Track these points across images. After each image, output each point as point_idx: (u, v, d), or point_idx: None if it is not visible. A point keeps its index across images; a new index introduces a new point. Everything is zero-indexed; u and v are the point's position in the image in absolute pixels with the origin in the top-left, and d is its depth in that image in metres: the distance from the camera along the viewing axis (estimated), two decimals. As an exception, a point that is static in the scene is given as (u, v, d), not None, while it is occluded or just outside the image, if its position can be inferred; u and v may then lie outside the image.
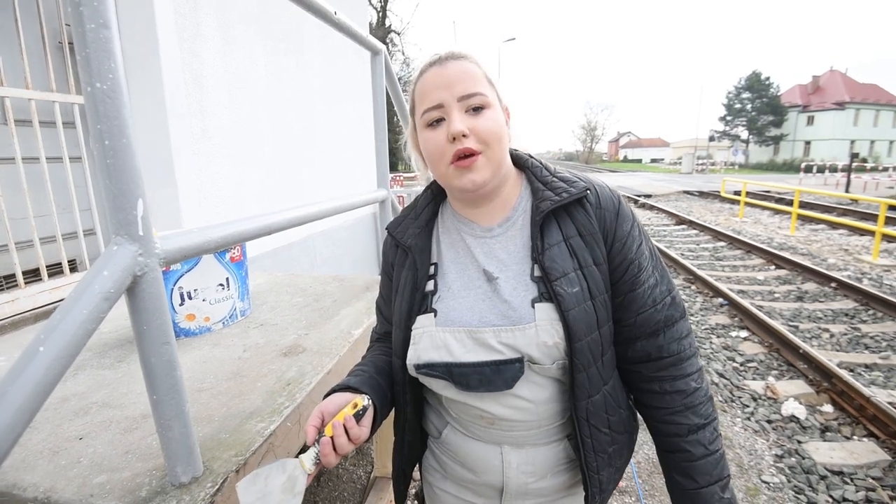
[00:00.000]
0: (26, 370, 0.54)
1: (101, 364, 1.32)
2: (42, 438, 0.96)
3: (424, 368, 0.79)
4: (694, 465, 0.80)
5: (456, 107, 0.75)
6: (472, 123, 0.75)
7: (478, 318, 0.78)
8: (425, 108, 0.78)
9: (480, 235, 0.84)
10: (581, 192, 0.78)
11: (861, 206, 12.31)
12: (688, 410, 0.81)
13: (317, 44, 3.83)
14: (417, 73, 0.82)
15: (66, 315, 0.58)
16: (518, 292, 0.77)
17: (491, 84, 0.79)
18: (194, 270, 1.44)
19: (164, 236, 0.75)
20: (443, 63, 0.78)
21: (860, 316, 4.68)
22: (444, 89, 0.76)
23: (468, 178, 0.76)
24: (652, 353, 0.81)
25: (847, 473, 2.51)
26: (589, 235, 0.78)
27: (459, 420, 0.88)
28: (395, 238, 0.88)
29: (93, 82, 0.62)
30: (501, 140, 0.77)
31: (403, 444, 0.93)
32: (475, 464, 0.87)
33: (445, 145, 0.76)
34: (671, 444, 0.83)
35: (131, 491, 0.80)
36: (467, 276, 0.82)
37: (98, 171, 0.65)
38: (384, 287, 0.95)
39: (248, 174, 2.96)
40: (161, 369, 0.73)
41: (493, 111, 0.77)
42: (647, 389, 0.84)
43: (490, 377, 0.76)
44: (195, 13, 2.46)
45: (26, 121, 1.76)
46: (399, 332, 0.84)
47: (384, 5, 29.28)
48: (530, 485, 0.85)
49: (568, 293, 0.74)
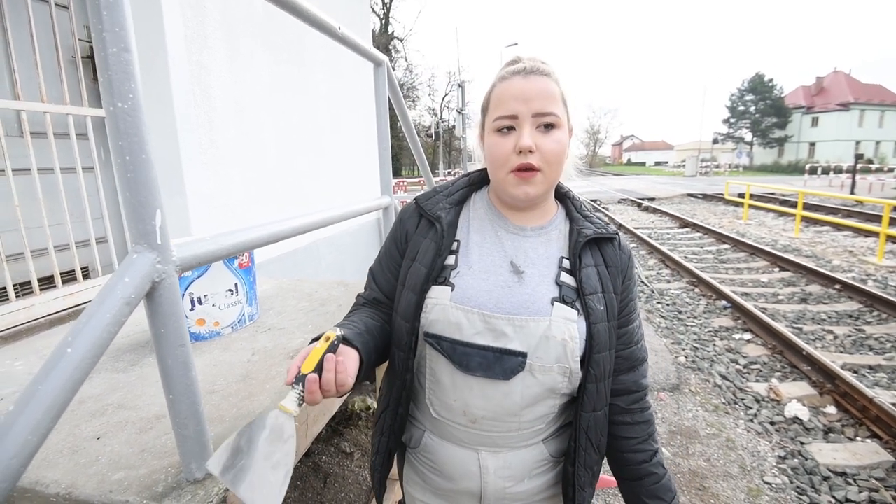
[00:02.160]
0: (55, 370, 0.59)
1: (116, 368, 1.37)
2: (62, 438, 1.01)
3: (431, 338, 0.83)
4: (660, 484, 0.90)
5: (529, 122, 0.79)
6: (541, 141, 0.79)
7: (494, 304, 0.81)
8: (500, 114, 0.81)
9: (514, 231, 0.89)
10: (615, 233, 0.89)
11: (866, 207, 12.26)
12: (650, 438, 0.92)
13: (320, 53, 3.90)
14: (499, 75, 0.85)
15: (91, 318, 0.63)
16: (541, 288, 0.83)
17: (565, 104, 0.83)
18: (204, 277, 1.48)
19: (179, 244, 0.80)
20: (527, 76, 0.80)
21: (864, 317, 4.67)
22: (523, 102, 0.79)
23: (523, 189, 0.82)
24: (630, 386, 0.91)
25: (850, 474, 2.52)
26: (614, 268, 0.87)
27: (438, 423, 0.89)
28: (424, 209, 0.90)
29: (115, 102, 0.66)
30: (562, 162, 0.83)
31: (396, 418, 0.91)
32: (453, 470, 0.89)
33: (511, 154, 0.80)
34: (640, 471, 0.91)
35: (148, 487, 0.84)
36: (490, 262, 0.85)
37: (119, 183, 0.70)
38: (386, 254, 0.96)
39: (254, 183, 3.02)
40: (177, 370, 0.77)
41: (561, 132, 0.81)
42: (621, 421, 0.92)
43: (491, 363, 0.80)
44: (203, 27, 2.53)
45: (41, 133, 1.82)
46: (412, 296, 0.84)
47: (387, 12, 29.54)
48: (508, 489, 0.88)
49: (597, 309, 0.82)
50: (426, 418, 0.92)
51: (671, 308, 5.27)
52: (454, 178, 0.98)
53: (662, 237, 9.51)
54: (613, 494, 2.41)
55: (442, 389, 0.86)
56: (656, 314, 5.10)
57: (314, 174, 3.86)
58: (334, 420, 2.43)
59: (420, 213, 0.91)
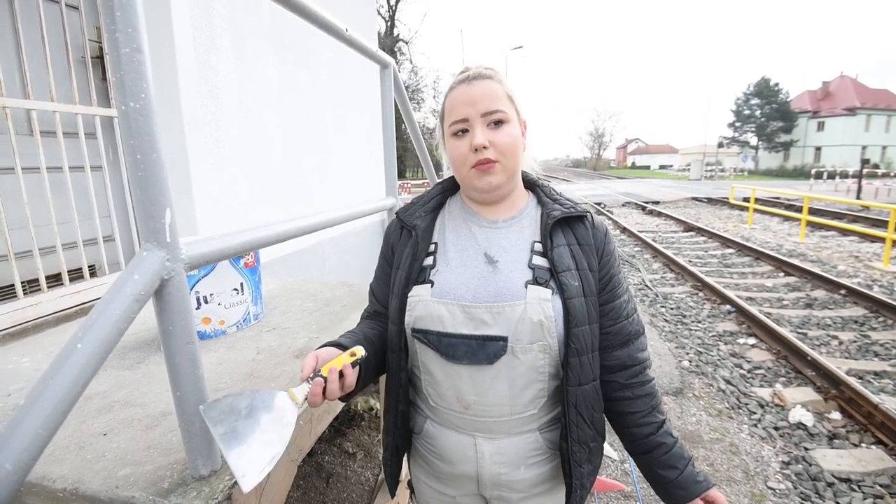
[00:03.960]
0: (65, 365, 0.59)
1: (122, 365, 1.38)
2: (68, 434, 1.01)
3: (419, 333, 0.89)
4: (671, 453, 0.91)
5: (479, 122, 0.87)
6: (493, 136, 0.87)
7: (472, 294, 0.87)
8: (453, 120, 0.90)
9: (486, 226, 0.95)
10: (584, 212, 0.93)
11: (872, 212, 12.18)
12: (654, 410, 0.94)
13: (326, 55, 3.92)
14: (448, 87, 0.94)
15: (100, 315, 0.63)
16: (515, 274, 0.88)
17: (511, 101, 0.90)
18: (210, 276, 1.49)
19: (188, 242, 0.81)
20: (470, 82, 0.89)
21: (870, 323, 4.65)
22: (470, 105, 0.87)
23: (486, 180, 0.89)
24: (626, 361, 0.93)
25: (854, 481, 2.50)
26: (586, 245, 0.91)
27: (437, 410, 0.95)
28: (402, 220, 0.98)
29: (126, 101, 0.67)
30: (516, 152, 0.90)
31: (397, 415, 0.98)
32: (451, 455, 0.94)
33: (468, 154, 0.88)
34: (648, 444, 0.93)
35: (154, 483, 0.84)
36: (466, 257, 0.92)
37: (130, 182, 0.71)
38: (380, 270, 1.04)
39: (260, 182, 3.03)
40: (185, 367, 0.77)
41: (511, 126, 0.89)
42: (622, 397, 0.94)
43: (475, 350, 0.85)
44: (210, 28, 2.55)
45: (50, 132, 1.84)
46: (396, 300, 0.92)
47: (392, 15, 29.64)
48: (503, 476, 0.92)
49: (571, 285, 0.86)
50: (427, 407, 0.98)
51: (675, 312, 5.25)
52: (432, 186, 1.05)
53: (667, 241, 9.48)
54: (615, 498, 2.40)
55: (435, 380, 0.92)
56: (660, 318, 5.08)
57: (320, 174, 3.88)
58: (337, 420, 2.44)
59: (401, 225, 0.99)
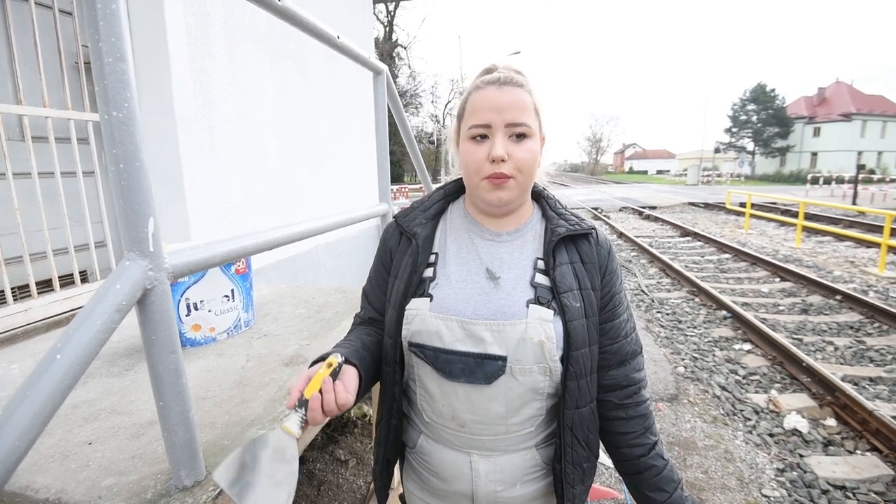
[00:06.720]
0: (44, 376, 0.59)
1: (111, 372, 1.37)
2: (53, 443, 1.01)
3: (415, 347, 0.86)
4: (661, 476, 0.89)
5: (502, 131, 0.82)
6: (512, 150, 0.82)
7: (472, 311, 0.83)
8: (474, 123, 0.83)
9: (489, 238, 0.91)
10: (590, 229, 0.89)
11: (868, 217, 12.23)
12: (647, 431, 0.92)
13: (321, 61, 3.93)
14: (474, 83, 0.86)
15: (81, 325, 0.63)
16: (517, 292, 0.84)
17: (537, 114, 0.85)
18: (201, 282, 1.49)
19: (172, 251, 0.80)
20: (501, 86, 0.82)
21: (865, 329, 4.65)
22: (496, 112, 0.81)
23: (497, 194, 0.84)
24: (621, 381, 0.91)
25: (849, 488, 2.50)
26: (590, 264, 0.88)
27: (432, 426, 0.92)
28: (402, 226, 0.93)
29: (109, 111, 0.67)
30: (533, 169, 0.85)
31: (390, 428, 0.95)
32: (446, 472, 0.91)
33: (484, 162, 0.82)
34: (639, 465, 0.91)
35: (137, 493, 0.84)
36: (467, 271, 0.88)
37: (113, 191, 0.70)
38: (375, 274, 1.00)
39: (254, 188, 3.03)
40: (168, 377, 0.77)
41: (532, 141, 0.84)
42: (615, 417, 0.92)
43: (472, 368, 0.82)
44: (205, 33, 2.55)
45: (42, 137, 1.84)
46: (393, 312, 0.88)
47: (391, 20, 29.76)
48: (499, 493, 0.89)
49: (572, 306, 0.83)
50: (421, 422, 0.95)
51: (671, 317, 5.25)
52: (433, 190, 1.01)
53: (663, 246, 9.49)
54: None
55: (430, 396, 0.89)
56: (656, 323, 5.08)
57: (314, 180, 3.88)
58: (329, 427, 2.42)
59: (400, 231, 0.94)
